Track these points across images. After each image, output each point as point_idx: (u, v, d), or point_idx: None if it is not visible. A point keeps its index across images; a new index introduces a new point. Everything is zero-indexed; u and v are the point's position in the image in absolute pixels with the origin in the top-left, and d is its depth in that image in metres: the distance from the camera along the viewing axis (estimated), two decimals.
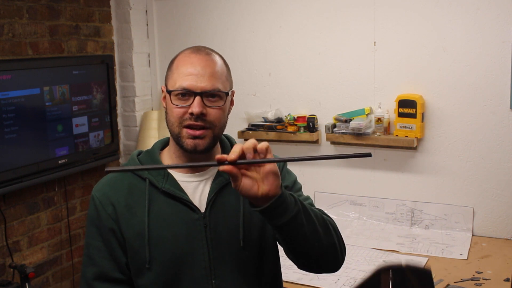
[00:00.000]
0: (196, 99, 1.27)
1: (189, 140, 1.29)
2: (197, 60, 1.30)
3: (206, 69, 1.29)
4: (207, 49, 1.36)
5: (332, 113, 2.90)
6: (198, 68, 1.29)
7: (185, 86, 1.28)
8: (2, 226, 2.69)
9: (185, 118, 1.29)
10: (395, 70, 2.75)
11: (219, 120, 1.31)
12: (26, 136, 2.66)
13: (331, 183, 2.98)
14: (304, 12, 2.93)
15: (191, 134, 1.29)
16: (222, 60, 1.36)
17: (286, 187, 1.41)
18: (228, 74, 1.37)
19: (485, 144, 2.61)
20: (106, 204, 1.33)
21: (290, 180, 1.45)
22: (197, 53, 1.32)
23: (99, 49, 3.25)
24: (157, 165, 1.36)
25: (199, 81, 1.28)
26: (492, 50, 2.53)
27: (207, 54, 1.33)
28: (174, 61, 1.35)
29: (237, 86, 3.15)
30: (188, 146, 1.30)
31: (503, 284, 2.15)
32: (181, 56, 1.34)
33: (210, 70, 1.30)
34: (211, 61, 1.32)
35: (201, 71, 1.29)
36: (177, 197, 1.33)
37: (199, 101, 1.27)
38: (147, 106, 3.47)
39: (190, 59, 1.31)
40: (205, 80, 1.28)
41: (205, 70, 1.29)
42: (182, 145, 1.31)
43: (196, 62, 1.30)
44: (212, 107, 1.30)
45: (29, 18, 2.78)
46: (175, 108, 1.30)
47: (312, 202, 1.44)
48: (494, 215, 2.63)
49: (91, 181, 3.23)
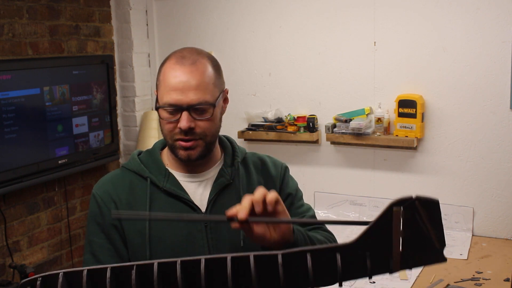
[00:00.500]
0: (183, 115, 1.26)
1: (182, 151, 1.30)
2: (181, 73, 1.26)
3: (191, 82, 1.25)
4: (193, 54, 1.30)
5: (332, 113, 2.90)
6: (183, 80, 1.25)
7: (171, 102, 1.26)
8: (2, 226, 2.69)
9: (175, 132, 1.28)
10: (395, 70, 2.75)
11: (209, 130, 1.30)
12: (26, 136, 2.66)
13: (331, 183, 2.98)
14: (304, 12, 2.93)
15: (183, 145, 1.29)
16: (209, 62, 1.31)
17: (289, 195, 1.42)
18: (217, 76, 1.32)
19: (485, 144, 2.61)
20: (108, 201, 1.33)
21: (293, 188, 1.45)
22: (181, 63, 1.28)
23: (99, 49, 3.25)
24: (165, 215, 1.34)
25: (185, 95, 1.25)
26: (492, 50, 2.53)
27: (192, 63, 1.27)
28: (161, 69, 1.32)
29: (237, 86, 3.17)
30: (182, 156, 1.30)
31: (503, 284, 2.15)
32: (167, 66, 1.30)
33: (195, 82, 1.26)
34: (196, 72, 1.27)
35: (186, 85, 1.25)
36: (178, 196, 1.33)
37: (186, 117, 1.25)
38: (147, 106, 3.47)
39: (174, 71, 1.27)
40: (191, 94, 1.25)
41: (190, 83, 1.25)
42: (177, 155, 1.32)
43: (181, 75, 1.26)
44: (201, 119, 1.28)
45: (29, 18, 2.78)
46: (165, 123, 1.30)
47: (314, 213, 1.45)
48: (494, 215, 2.63)
49: (91, 181, 3.22)
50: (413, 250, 0.93)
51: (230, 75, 3.17)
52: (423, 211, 0.92)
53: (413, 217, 0.91)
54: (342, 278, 0.92)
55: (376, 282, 2.21)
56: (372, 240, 0.92)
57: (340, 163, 2.96)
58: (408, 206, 0.91)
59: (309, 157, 3.02)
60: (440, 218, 0.93)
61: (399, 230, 0.91)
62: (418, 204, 0.91)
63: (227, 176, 1.37)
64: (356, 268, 0.93)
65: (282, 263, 0.91)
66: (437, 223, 0.93)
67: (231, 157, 1.41)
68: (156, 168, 1.36)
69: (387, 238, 0.92)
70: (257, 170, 1.43)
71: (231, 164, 1.39)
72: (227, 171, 1.38)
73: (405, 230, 0.91)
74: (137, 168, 1.37)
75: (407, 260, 0.93)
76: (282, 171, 1.45)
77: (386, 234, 0.92)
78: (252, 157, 1.46)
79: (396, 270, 0.93)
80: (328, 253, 0.92)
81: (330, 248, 0.93)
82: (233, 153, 1.42)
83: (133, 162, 1.39)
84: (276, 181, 1.43)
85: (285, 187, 1.43)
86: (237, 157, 1.41)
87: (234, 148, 1.43)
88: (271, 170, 1.44)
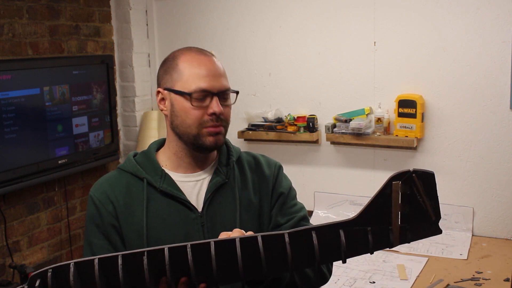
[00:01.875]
0: (215, 99, 1.30)
1: (210, 138, 1.31)
2: (208, 61, 1.32)
3: (217, 70, 1.32)
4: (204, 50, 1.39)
5: (332, 113, 2.90)
6: (212, 69, 1.31)
7: (203, 87, 1.29)
8: (2, 226, 2.69)
9: (205, 119, 1.30)
10: (395, 70, 2.75)
11: (229, 118, 1.36)
12: (26, 136, 2.66)
13: (331, 183, 2.98)
14: (304, 12, 2.93)
15: (212, 131, 1.31)
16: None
17: (281, 194, 1.43)
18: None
19: (485, 144, 2.61)
20: (106, 202, 1.34)
21: (285, 187, 1.45)
22: (203, 54, 1.34)
23: (99, 49, 3.25)
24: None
25: (215, 81, 1.30)
26: (492, 50, 2.53)
27: (211, 55, 1.36)
28: (177, 62, 1.33)
29: (237, 86, 3.15)
30: (211, 143, 1.32)
31: (503, 284, 2.15)
32: (188, 57, 1.33)
33: (220, 71, 1.33)
34: (217, 62, 1.35)
35: (215, 72, 1.31)
36: (174, 197, 1.33)
37: (218, 101, 1.30)
38: (147, 106, 3.47)
39: (200, 60, 1.32)
40: (219, 81, 1.31)
41: (216, 71, 1.32)
42: (203, 144, 1.32)
43: (207, 63, 1.32)
44: (225, 106, 1.33)
45: (29, 18, 2.78)
46: (193, 109, 1.30)
47: (306, 213, 1.45)
48: (494, 215, 2.63)
49: (91, 181, 3.22)
50: (411, 223, 0.97)
51: (230, 75, 3.14)
52: (419, 183, 0.96)
53: (411, 190, 0.96)
54: (347, 255, 0.96)
55: (376, 282, 2.21)
56: (373, 215, 0.97)
57: (340, 163, 2.96)
58: (406, 179, 0.96)
59: (309, 157, 3.02)
60: (435, 190, 0.98)
61: (398, 203, 0.96)
62: (415, 177, 0.96)
63: (223, 175, 1.37)
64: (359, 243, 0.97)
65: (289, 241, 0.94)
66: (433, 195, 0.97)
67: (226, 156, 1.42)
68: (152, 169, 1.36)
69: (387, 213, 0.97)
70: (252, 169, 1.44)
71: (226, 164, 1.40)
72: (223, 170, 1.38)
73: (403, 204, 0.96)
74: (133, 169, 1.37)
75: (406, 234, 0.98)
76: (276, 170, 1.46)
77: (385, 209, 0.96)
78: (247, 157, 1.46)
79: (396, 244, 0.98)
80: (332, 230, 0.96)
81: (333, 224, 0.96)
82: (228, 152, 1.43)
83: (129, 163, 1.39)
84: (270, 180, 1.43)
85: (278, 186, 1.43)
86: (232, 156, 1.41)
87: (228, 148, 1.44)
88: (265, 169, 1.44)
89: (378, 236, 0.97)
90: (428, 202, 0.97)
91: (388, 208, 0.96)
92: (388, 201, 0.96)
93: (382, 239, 0.97)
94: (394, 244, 0.98)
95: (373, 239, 0.96)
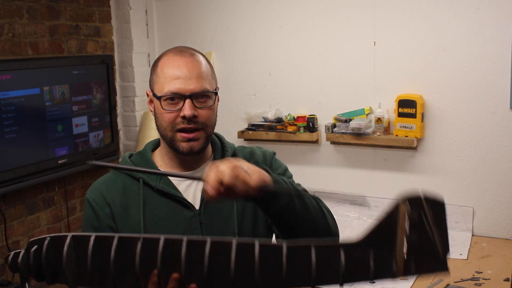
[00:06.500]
0: (187, 102, 1.27)
1: (184, 143, 1.30)
2: (182, 63, 1.29)
3: (192, 71, 1.29)
4: (190, 49, 1.35)
5: (332, 113, 2.90)
6: (184, 71, 1.28)
7: (173, 90, 1.27)
8: (2, 226, 2.69)
9: (177, 122, 1.29)
10: (395, 70, 2.75)
11: (210, 120, 1.32)
12: (26, 136, 2.66)
13: (331, 183, 2.98)
14: (304, 12, 2.93)
15: (185, 137, 1.29)
16: (205, 59, 1.36)
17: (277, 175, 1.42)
18: (213, 72, 1.37)
19: (485, 144, 2.61)
20: (103, 205, 1.33)
21: (281, 169, 1.45)
22: (181, 55, 1.31)
23: (99, 49, 3.25)
24: (139, 167, 1.35)
25: (187, 83, 1.28)
26: (492, 50, 2.53)
27: (191, 55, 1.32)
28: (157, 64, 1.34)
29: (237, 86, 3.17)
30: (184, 149, 1.30)
31: (503, 284, 2.15)
32: (165, 59, 1.32)
33: (196, 71, 1.29)
34: (196, 62, 1.31)
35: (188, 74, 1.28)
36: (171, 195, 1.33)
37: (190, 104, 1.27)
38: (147, 106, 3.45)
39: (175, 61, 1.30)
40: (193, 82, 1.28)
41: (191, 72, 1.29)
42: (177, 149, 1.31)
43: (181, 65, 1.29)
44: (203, 108, 1.30)
45: (29, 18, 2.78)
46: (165, 113, 1.29)
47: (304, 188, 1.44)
48: (494, 215, 2.63)
49: (91, 181, 3.21)
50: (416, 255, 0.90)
51: (230, 75, 3.18)
52: (429, 211, 0.91)
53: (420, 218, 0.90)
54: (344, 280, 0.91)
55: (376, 282, 2.21)
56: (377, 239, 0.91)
57: (340, 163, 2.96)
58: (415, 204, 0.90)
59: (309, 157, 3.02)
60: (445, 221, 0.92)
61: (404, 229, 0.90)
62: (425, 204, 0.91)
63: None
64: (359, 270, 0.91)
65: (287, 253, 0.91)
66: (443, 227, 0.92)
67: (221, 152, 1.41)
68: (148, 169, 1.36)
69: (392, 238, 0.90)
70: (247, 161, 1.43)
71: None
72: None
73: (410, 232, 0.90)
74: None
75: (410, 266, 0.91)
76: (270, 158, 1.46)
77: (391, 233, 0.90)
78: (242, 151, 1.46)
79: (399, 275, 0.91)
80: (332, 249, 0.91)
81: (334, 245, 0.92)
82: (222, 148, 1.42)
83: (125, 164, 1.39)
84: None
85: (273, 170, 1.42)
86: (226, 151, 1.41)
87: (223, 144, 1.44)
88: (259, 158, 1.44)
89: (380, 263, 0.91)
90: (437, 234, 0.91)
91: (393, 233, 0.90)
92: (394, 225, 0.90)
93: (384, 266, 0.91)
94: (397, 274, 0.91)
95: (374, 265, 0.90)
